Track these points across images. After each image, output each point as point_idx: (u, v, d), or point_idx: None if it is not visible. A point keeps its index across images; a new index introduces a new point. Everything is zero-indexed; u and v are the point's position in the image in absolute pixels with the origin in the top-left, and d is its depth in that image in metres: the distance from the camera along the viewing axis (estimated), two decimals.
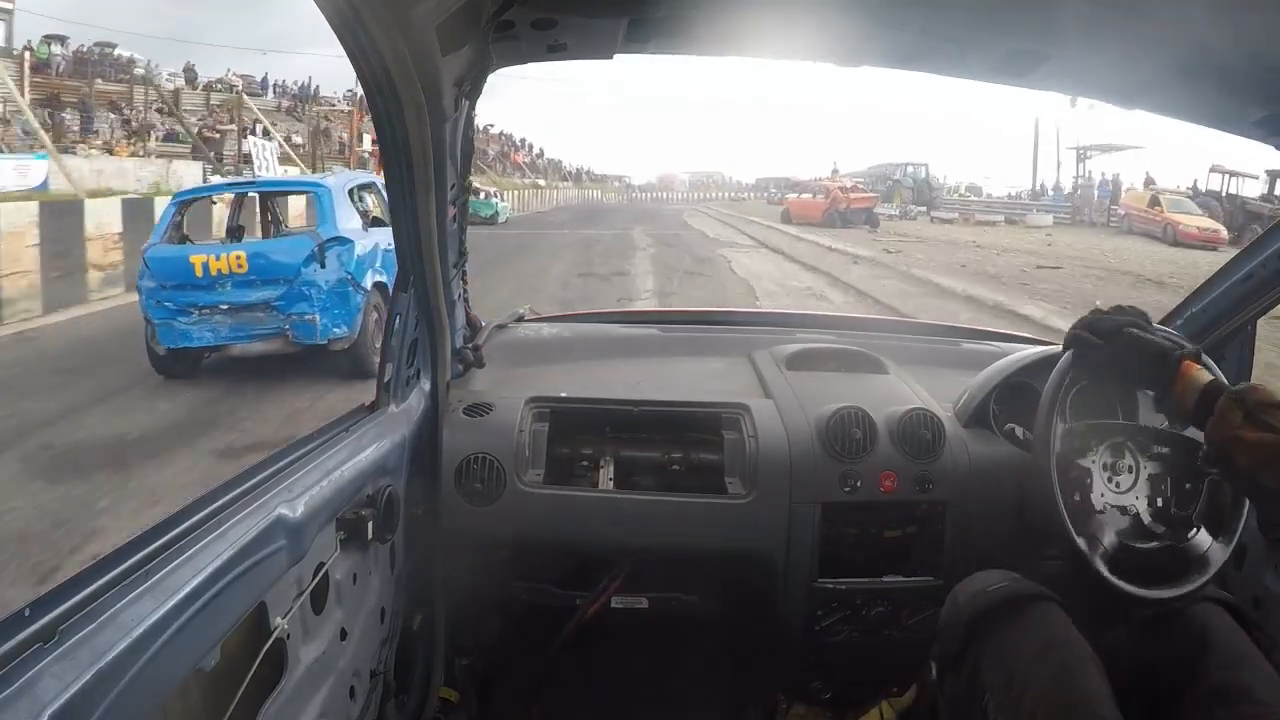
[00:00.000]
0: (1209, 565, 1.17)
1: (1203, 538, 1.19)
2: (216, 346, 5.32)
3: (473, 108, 1.20)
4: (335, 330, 5.15)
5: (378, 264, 5.52)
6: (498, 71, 1.17)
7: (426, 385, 1.41)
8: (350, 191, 5.96)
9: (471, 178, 1.34)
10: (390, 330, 1.29)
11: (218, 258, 5.13)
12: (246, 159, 14.35)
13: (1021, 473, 1.32)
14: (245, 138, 13.75)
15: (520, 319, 1.94)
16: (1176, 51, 1.04)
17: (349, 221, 5.48)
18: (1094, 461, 1.24)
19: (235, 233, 6.21)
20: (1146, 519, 1.21)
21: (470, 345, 1.60)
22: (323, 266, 5.13)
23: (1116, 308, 1.21)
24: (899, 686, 1.47)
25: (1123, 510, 1.22)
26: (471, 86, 1.12)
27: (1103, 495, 1.22)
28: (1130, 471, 1.25)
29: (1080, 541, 1.17)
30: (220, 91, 24.80)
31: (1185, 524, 1.20)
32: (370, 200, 6.48)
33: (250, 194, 6.70)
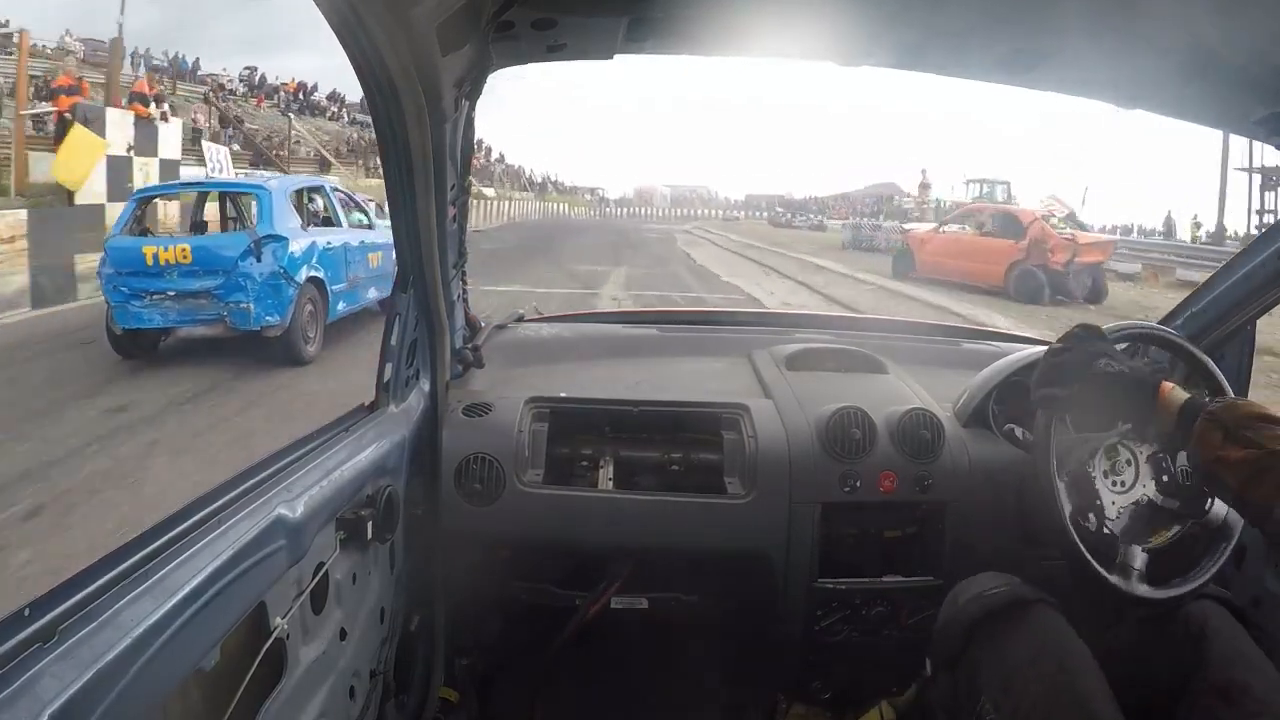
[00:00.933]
0: (1232, 531, 1.17)
1: (1219, 507, 1.19)
2: (165, 329, 5.90)
3: (473, 108, 1.20)
4: (268, 319, 5.68)
5: (314, 260, 6.09)
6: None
7: (426, 385, 1.41)
8: (299, 193, 6.76)
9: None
10: (390, 330, 1.29)
11: (166, 249, 5.70)
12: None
13: (1021, 473, 1.32)
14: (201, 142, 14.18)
15: (520, 319, 1.94)
16: (1177, 51, 1.04)
17: (287, 221, 6.01)
18: (1094, 472, 1.24)
19: (199, 228, 6.80)
20: (1159, 500, 1.21)
21: (470, 345, 1.60)
22: (258, 260, 5.66)
23: (1071, 334, 1.16)
24: (899, 686, 1.47)
25: (1135, 504, 1.22)
26: (471, 87, 1.12)
27: (1113, 503, 1.22)
28: (1130, 465, 1.25)
29: (1081, 544, 1.17)
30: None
31: (1198, 493, 1.19)
32: (320, 202, 7.16)
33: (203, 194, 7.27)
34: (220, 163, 12.92)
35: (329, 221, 6.90)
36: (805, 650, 1.46)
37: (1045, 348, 1.56)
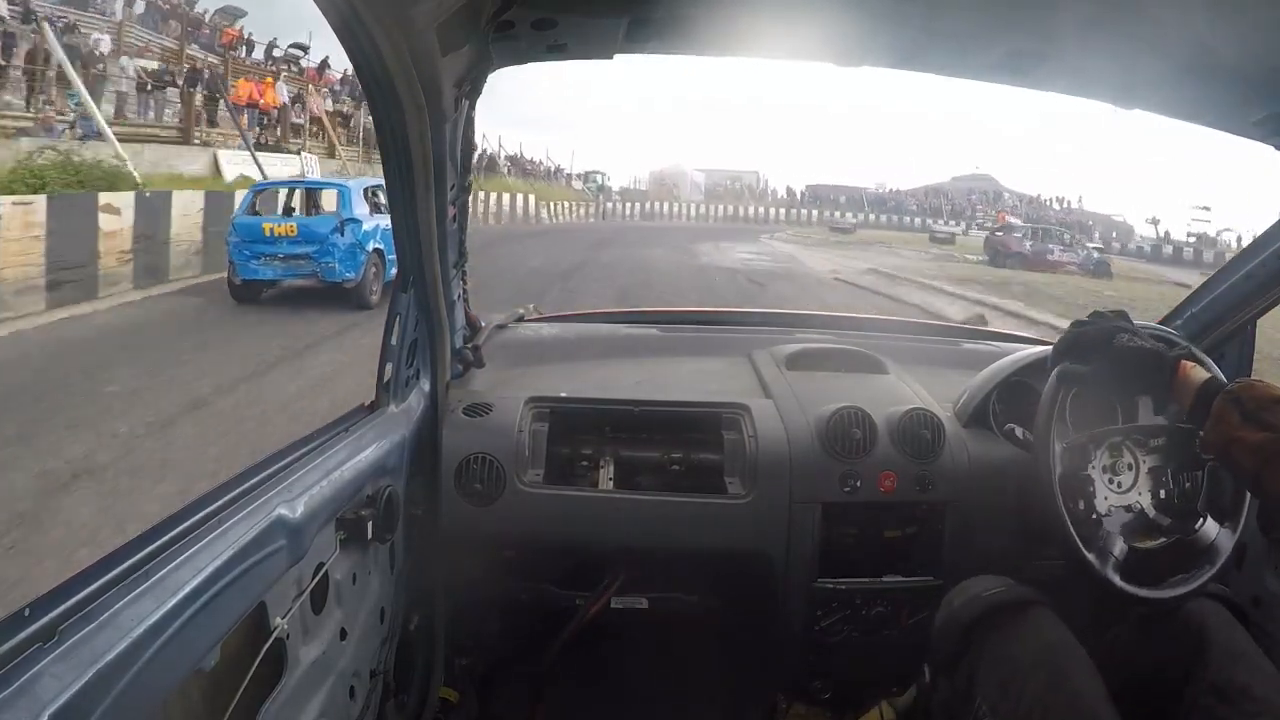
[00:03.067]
0: (1218, 555, 1.17)
1: (1210, 527, 1.19)
2: (273, 281, 8.55)
3: (473, 108, 1.20)
4: (347, 275, 8.30)
5: (377, 237, 8.50)
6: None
7: (426, 385, 1.41)
8: (366, 190, 9.03)
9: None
10: (390, 330, 1.29)
11: (279, 225, 8.42)
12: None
13: (1021, 473, 1.32)
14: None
15: (520, 319, 1.94)
16: (1176, 51, 1.04)
17: (359, 209, 8.61)
18: (1094, 465, 1.24)
19: (289, 212, 9.44)
20: (1151, 513, 1.21)
21: (470, 345, 1.60)
22: (342, 235, 8.25)
23: (1096, 313, 1.17)
24: (899, 686, 1.47)
25: (1127, 509, 1.22)
26: (471, 87, 1.12)
27: (1105, 498, 1.22)
28: (1130, 469, 1.25)
29: (1081, 544, 1.17)
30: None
31: (1191, 514, 1.20)
32: (381, 196, 8.90)
33: (300, 189, 10.07)
34: (312, 167, 16.45)
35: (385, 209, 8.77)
36: (805, 650, 1.46)
37: (1046, 347, 1.56)
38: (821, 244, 24.29)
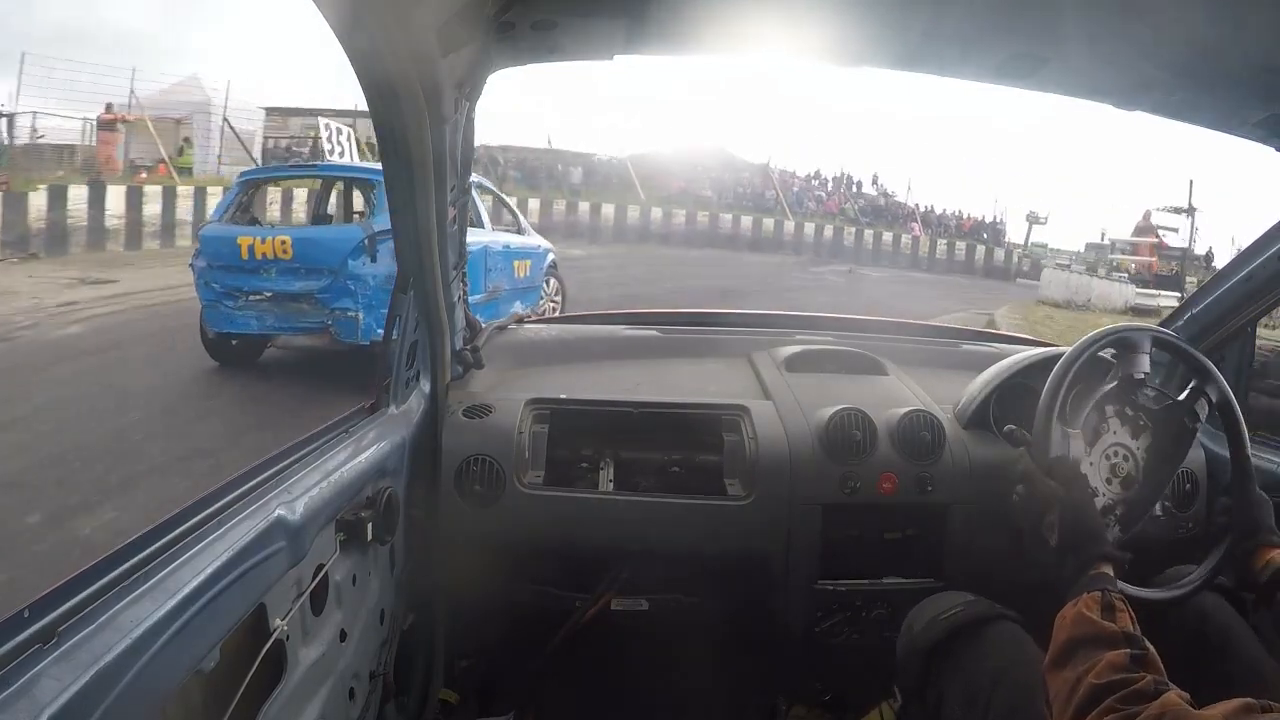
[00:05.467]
0: (1218, 553, 1.17)
1: (1209, 525, 1.20)
2: (262, 335, 5.09)
3: (473, 109, 1.20)
4: (379, 330, 4.59)
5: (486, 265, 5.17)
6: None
7: (426, 387, 1.41)
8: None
9: None
10: (390, 331, 1.29)
11: (263, 240, 4.86)
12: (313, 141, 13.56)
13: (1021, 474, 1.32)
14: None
15: (520, 320, 1.94)
16: (1176, 53, 1.04)
17: None
18: (1094, 465, 1.24)
19: (323, 221, 6.01)
20: (1155, 510, 1.22)
21: (470, 347, 1.60)
22: (372, 260, 4.65)
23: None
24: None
25: (1127, 508, 1.22)
26: (472, 88, 1.12)
27: (1105, 497, 1.22)
28: (1131, 469, 1.25)
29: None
30: None
31: (1190, 513, 1.20)
32: (478, 199, 5.78)
33: (330, 179, 6.46)
34: (342, 144, 10.11)
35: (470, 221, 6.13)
36: (805, 652, 1.46)
37: (1046, 349, 1.56)
38: None
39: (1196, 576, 1.16)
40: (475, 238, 5.44)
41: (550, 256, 6.80)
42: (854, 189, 26.50)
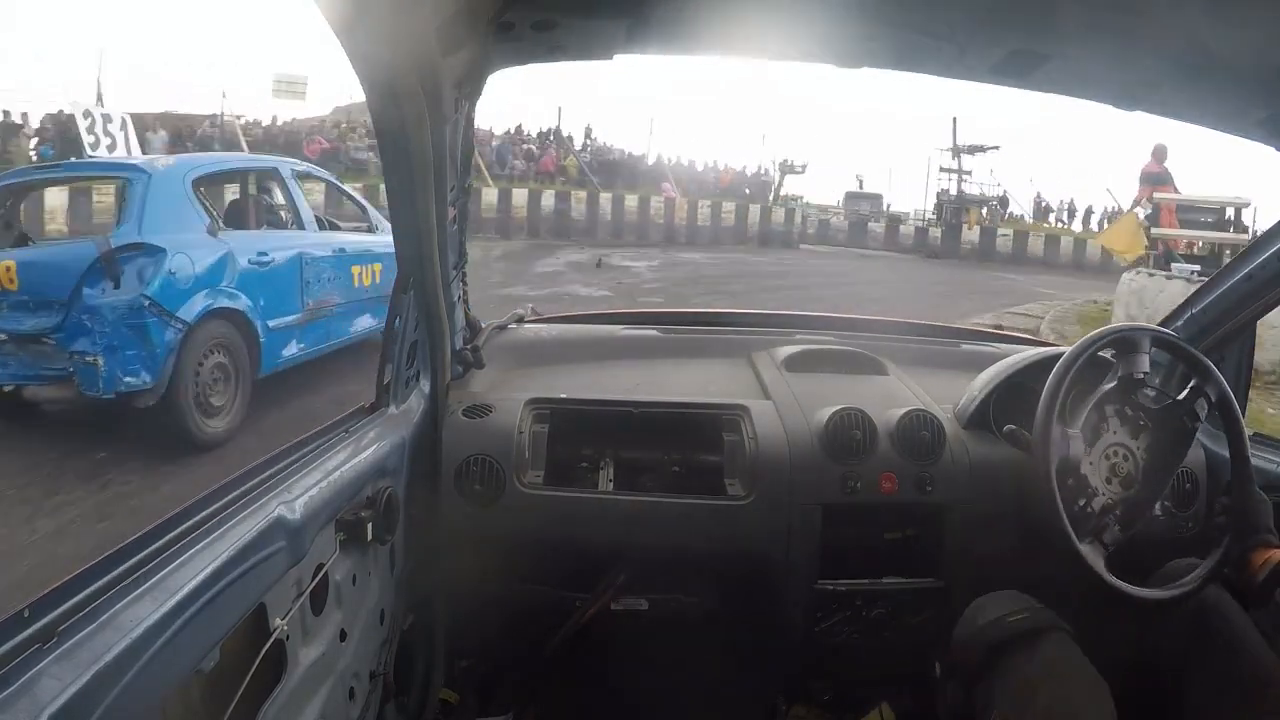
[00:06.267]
0: (1218, 552, 1.18)
1: (1209, 524, 1.21)
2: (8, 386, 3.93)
3: (473, 109, 1.20)
4: (128, 379, 3.51)
5: (225, 282, 3.90)
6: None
7: (426, 386, 1.41)
8: (212, 178, 4.53)
9: None
10: (390, 331, 1.29)
11: None
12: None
13: (1021, 474, 1.32)
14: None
15: (520, 320, 1.94)
16: (1177, 52, 1.04)
17: (176, 221, 3.79)
18: (1094, 464, 1.24)
19: (22, 240, 4.33)
20: (1151, 512, 1.22)
21: (470, 346, 1.60)
22: (115, 285, 3.53)
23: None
24: (899, 688, 1.47)
25: (1127, 507, 1.22)
26: (472, 88, 1.12)
27: (1105, 497, 1.23)
28: (1131, 469, 1.25)
29: (1081, 545, 1.17)
30: None
31: (1191, 512, 1.20)
32: (278, 193, 4.90)
33: (53, 180, 5.21)
34: (112, 135, 7.94)
35: (277, 222, 4.77)
36: (806, 651, 1.46)
37: (1046, 348, 1.56)
38: None
39: (1196, 576, 1.16)
40: (284, 243, 4.42)
41: None
42: (584, 142, 21.01)
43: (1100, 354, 1.32)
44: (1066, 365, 1.26)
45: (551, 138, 20.75)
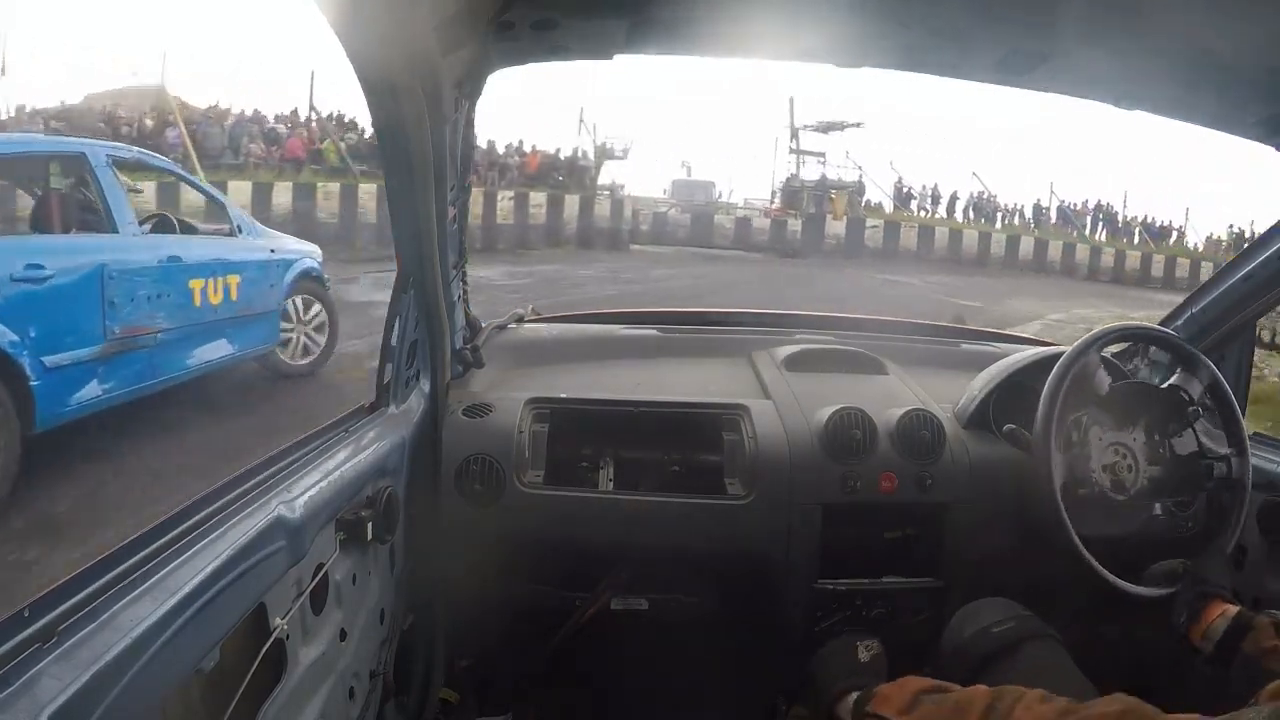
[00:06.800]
0: (1218, 550, 1.18)
1: (1209, 525, 1.21)
2: None
3: (473, 109, 1.20)
4: None
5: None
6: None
7: (426, 386, 1.41)
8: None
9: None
10: (390, 330, 1.29)
11: None
12: None
13: (1021, 474, 1.32)
14: None
15: (520, 319, 1.94)
16: (1177, 52, 1.04)
17: None
18: (1094, 464, 1.24)
19: None
20: (1152, 511, 1.22)
21: (470, 346, 1.60)
22: None
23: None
24: None
25: (1127, 507, 1.23)
26: (471, 88, 1.12)
27: (1105, 496, 1.23)
28: (1131, 469, 1.26)
29: (1080, 543, 1.17)
30: None
31: (1191, 512, 1.21)
32: (94, 187, 3.73)
33: None
34: None
35: (92, 224, 3.71)
36: (805, 651, 1.46)
37: (1045, 348, 1.56)
38: None
39: (1215, 547, 1.17)
40: (75, 251, 3.43)
41: (303, 266, 4.58)
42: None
43: (1100, 354, 1.32)
44: (1066, 365, 1.27)
45: (312, 114, 15.92)
